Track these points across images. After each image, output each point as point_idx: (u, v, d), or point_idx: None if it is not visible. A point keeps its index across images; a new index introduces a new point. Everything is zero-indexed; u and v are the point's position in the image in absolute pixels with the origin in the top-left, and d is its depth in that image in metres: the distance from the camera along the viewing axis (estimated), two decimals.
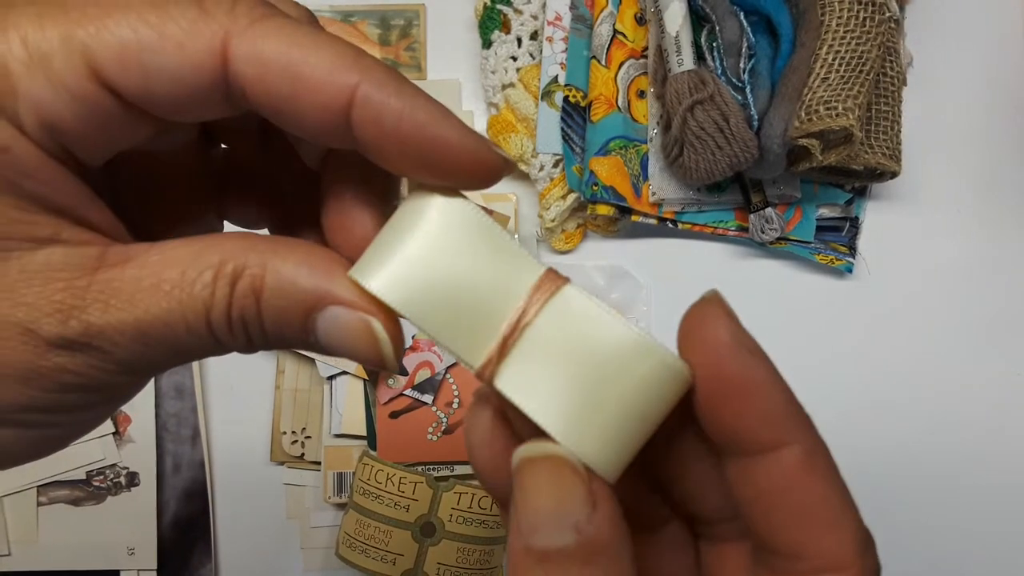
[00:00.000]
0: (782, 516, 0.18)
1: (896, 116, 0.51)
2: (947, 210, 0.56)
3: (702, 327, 0.19)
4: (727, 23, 0.49)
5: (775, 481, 0.18)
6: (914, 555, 0.54)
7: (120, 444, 0.52)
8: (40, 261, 0.18)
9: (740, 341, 0.18)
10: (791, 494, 0.18)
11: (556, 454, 0.18)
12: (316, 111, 0.18)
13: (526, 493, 0.18)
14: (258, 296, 0.19)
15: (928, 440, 0.54)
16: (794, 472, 0.18)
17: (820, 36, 0.47)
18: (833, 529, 0.18)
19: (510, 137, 0.53)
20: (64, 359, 0.18)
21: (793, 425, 0.19)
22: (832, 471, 0.19)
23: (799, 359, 0.55)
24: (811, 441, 0.19)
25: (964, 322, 0.55)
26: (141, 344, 0.18)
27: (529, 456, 0.18)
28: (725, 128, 0.47)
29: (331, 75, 0.18)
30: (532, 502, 0.18)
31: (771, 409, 0.18)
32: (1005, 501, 0.54)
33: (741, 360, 0.18)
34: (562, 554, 0.17)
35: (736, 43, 0.49)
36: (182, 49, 0.17)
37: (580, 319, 0.18)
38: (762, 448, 0.18)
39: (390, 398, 0.51)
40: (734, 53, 0.49)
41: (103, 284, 0.18)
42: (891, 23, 0.48)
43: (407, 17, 0.56)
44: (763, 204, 0.52)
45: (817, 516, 0.18)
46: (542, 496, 0.17)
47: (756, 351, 0.19)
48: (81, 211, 0.18)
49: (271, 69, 0.17)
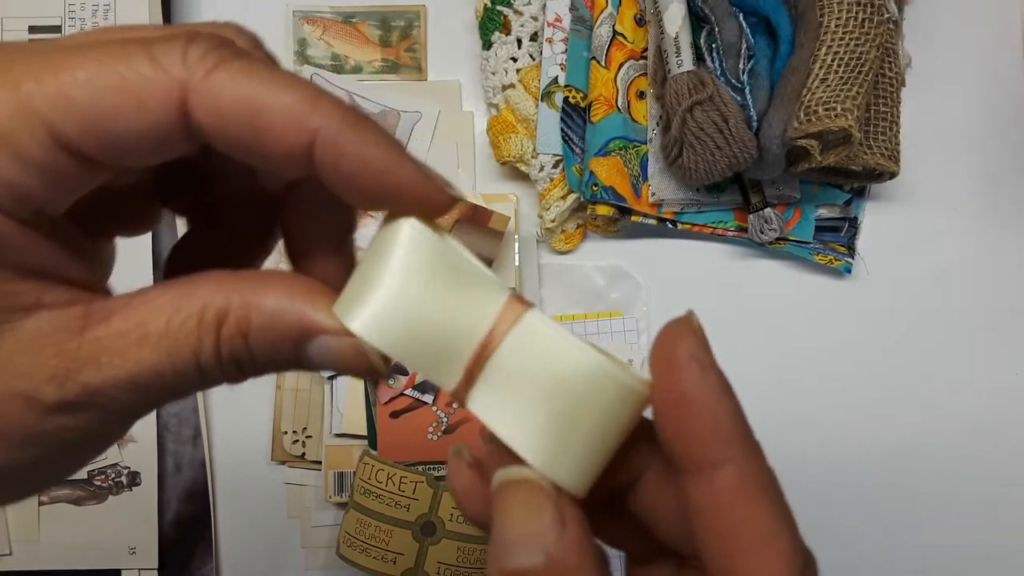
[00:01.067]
0: (713, 537, 0.18)
1: (895, 117, 0.51)
2: (946, 211, 0.56)
3: (664, 345, 0.19)
4: (726, 24, 0.49)
5: (708, 500, 0.18)
6: (913, 555, 0.54)
7: (121, 444, 0.52)
8: (30, 329, 0.18)
9: (694, 358, 0.19)
10: (722, 514, 0.18)
11: (527, 477, 0.19)
12: (278, 156, 0.18)
13: (500, 516, 0.18)
14: (246, 335, 0.19)
15: (926, 440, 0.55)
16: (726, 492, 0.18)
17: (819, 37, 0.47)
18: (761, 550, 0.18)
19: (510, 138, 0.53)
20: (65, 419, 0.19)
21: (733, 444, 0.18)
22: (770, 492, 0.18)
23: (798, 359, 0.55)
24: (749, 461, 0.19)
25: (963, 322, 0.55)
26: (136, 395, 0.19)
27: (503, 481, 0.19)
28: (724, 129, 0.47)
29: (291, 122, 0.18)
30: (505, 524, 0.18)
31: (711, 427, 0.18)
32: (1005, 502, 0.54)
33: (689, 377, 0.18)
34: (532, 575, 0.17)
35: (735, 44, 0.49)
36: (142, 109, 0.17)
37: (542, 345, 0.19)
38: (700, 466, 0.18)
39: (391, 398, 0.51)
40: (733, 54, 0.49)
41: (92, 344, 0.18)
42: (889, 24, 0.48)
43: (408, 18, 0.56)
44: (762, 204, 0.52)
45: (745, 537, 0.18)
46: (514, 518, 0.18)
47: (709, 368, 0.19)
48: (59, 270, 0.19)
49: (231, 120, 0.18)
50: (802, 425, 0.54)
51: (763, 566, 0.18)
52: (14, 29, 0.53)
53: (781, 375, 0.55)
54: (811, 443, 0.54)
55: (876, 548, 0.54)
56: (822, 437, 0.54)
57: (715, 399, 0.19)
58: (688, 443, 0.19)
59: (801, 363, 0.55)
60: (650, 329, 0.54)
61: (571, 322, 0.54)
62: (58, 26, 0.53)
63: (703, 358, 0.19)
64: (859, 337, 0.55)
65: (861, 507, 0.54)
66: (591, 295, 0.54)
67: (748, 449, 0.19)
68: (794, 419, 0.54)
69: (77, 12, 0.53)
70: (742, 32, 0.49)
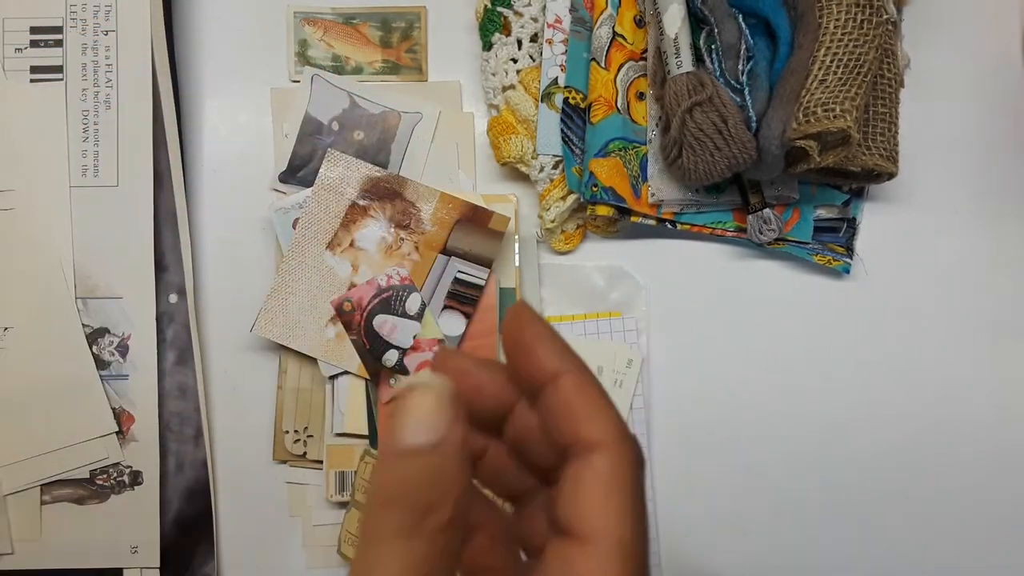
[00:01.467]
0: (564, 422, 0.24)
1: (893, 118, 0.51)
2: (944, 211, 0.56)
3: (509, 317, 0.25)
4: (725, 25, 0.49)
5: (556, 400, 0.24)
6: (913, 556, 0.54)
7: (123, 443, 0.52)
8: None
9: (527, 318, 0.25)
10: (570, 406, 0.23)
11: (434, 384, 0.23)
12: None
13: (406, 407, 0.23)
14: None
15: (926, 441, 0.55)
16: (570, 389, 0.24)
17: (818, 39, 0.47)
18: (596, 419, 0.23)
19: (510, 138, 0.53)
20: None
21: (565, 358, 0.24)
22: (598, 388, 0.24)
23: (796, 359, 0.55)
24: (580, 367, 0.24)
25: (962, 323, 0.56)
26: None
27: (414, 382, 0.23)
28: (723, 130, 0.47)
29: None
30: (410, 412, 0.22)
31: (550, 349, 0.24)
32: (1005, 502, 0.55)
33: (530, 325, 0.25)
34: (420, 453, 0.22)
35: (735, 45, 0.49)
36: None
37: None
38: (549, 378, 0.24)
39: (392, 397, 0.52)
40: (733, 55, 0.49)
41: None
42: (888, 25, 0.49)
43: (408, 19, 0.56)
44: (761, 205, 0.52)
45: (586, 412, 0.23)
46: (419, 408, 0.22)
47: (535, 320, 0.25)
48: None
49: None
50: (800, 425, 0.55)
51: (600, 429, 0.23)
52: (14, 30, 0.54)
53: (779, 375, 0.55)
54: (809, 443, 0.55)
55: (876, 548, 0.54)
56: (820, 437, 0.55)
57: (547, 334, 0.25)
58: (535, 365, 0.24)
59: (800, 363, 0.55)
60: (650, 329, 0.54)
61: (571, 322, 0.54)
62: (59, 27, 0.53)
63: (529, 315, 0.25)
64: (858, 338, 0.55)
65: (861, 507, 0.54)
66: (591, 295, 0.55)
67: (577, 359, 0.24)
68: (792, 419, 0.55)
69: (78, 13, 0.53)
70: (741, 33, 0.49)
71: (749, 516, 0.54)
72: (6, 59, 0.53)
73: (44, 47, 0.53)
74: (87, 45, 0.53)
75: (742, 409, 0.55)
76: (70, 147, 0.53)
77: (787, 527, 0.54)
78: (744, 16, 0.49)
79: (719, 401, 0.55)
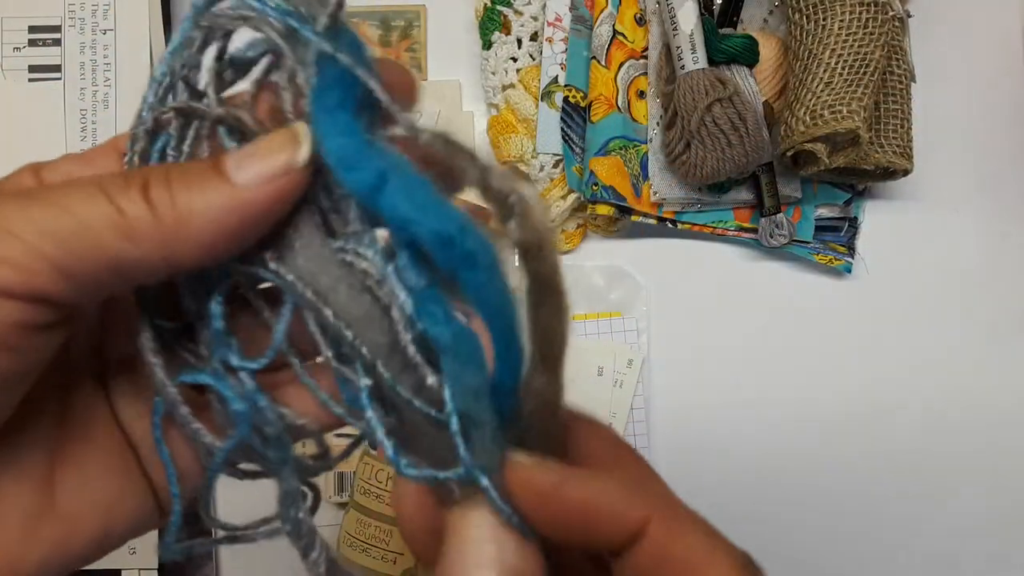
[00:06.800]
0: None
1: (906, 113, 0.50)
2: (946, 210, 0.56)
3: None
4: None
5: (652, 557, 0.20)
6: (914, 555, 0.54)
7: None
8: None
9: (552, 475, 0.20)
10: (670, 561, 0.19)
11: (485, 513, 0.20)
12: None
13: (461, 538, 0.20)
14: None
15: (928, 441, 0.54)
16: (662, 541, 0.19)
17: (818, 40, 0.47)
18: (711, 566, 0.19)
19: (510, 137, 0.53)
20: None
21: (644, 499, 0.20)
22: (691, 519, 0.20)
23: (797, 359, 0.55)
24: (664, 504, 0.20)
25: (963, 322, 0.55)
26: None
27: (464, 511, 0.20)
28: (741, 127, 0.47)
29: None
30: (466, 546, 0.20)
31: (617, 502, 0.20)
32: (1005, 502, 0.54)
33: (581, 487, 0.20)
34: None
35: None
36: None
37: None
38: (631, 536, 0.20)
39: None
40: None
41: None
42: (895, 22, 0.48)
43: (408, 18, 0.56)
44: (776, 209, 0.51)
45: (695, 562, 0.20)
46: (475, 541, 0.20)
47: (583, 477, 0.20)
48: None
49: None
50: (801, 424, 0.54)
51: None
52: (14, 29, 0.53)
53: (780, 375, 0.55)
54: (810, 442, 0.54)
55: (878, 548, 0.54)
56: (821, 436, 0.54)
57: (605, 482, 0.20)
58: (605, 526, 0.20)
59: (800, 363, 0.55)
60: (650, 329, 0.54)
61: None
62: (58, 26, 0.53)
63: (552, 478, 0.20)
64: (859, 336, 0.55)
65: (862, 506, 0.54)
66: (591, 295, 0.54)
67: (662, 499, 0.20)
68: (793, 418, 0.54)
69: (77, 12, 0.53)
70: None
71: (749, 515, 0.54)
72: (4, 58, 0.53)
73: (43, 46, 0.53)
74: (85, 44, 0.53)
75: (742, 408, 0.54)
76: (68, 146, 0.53)
77: (788, 526, 0.54)
78: None
79: (719, 401, 0.54)
